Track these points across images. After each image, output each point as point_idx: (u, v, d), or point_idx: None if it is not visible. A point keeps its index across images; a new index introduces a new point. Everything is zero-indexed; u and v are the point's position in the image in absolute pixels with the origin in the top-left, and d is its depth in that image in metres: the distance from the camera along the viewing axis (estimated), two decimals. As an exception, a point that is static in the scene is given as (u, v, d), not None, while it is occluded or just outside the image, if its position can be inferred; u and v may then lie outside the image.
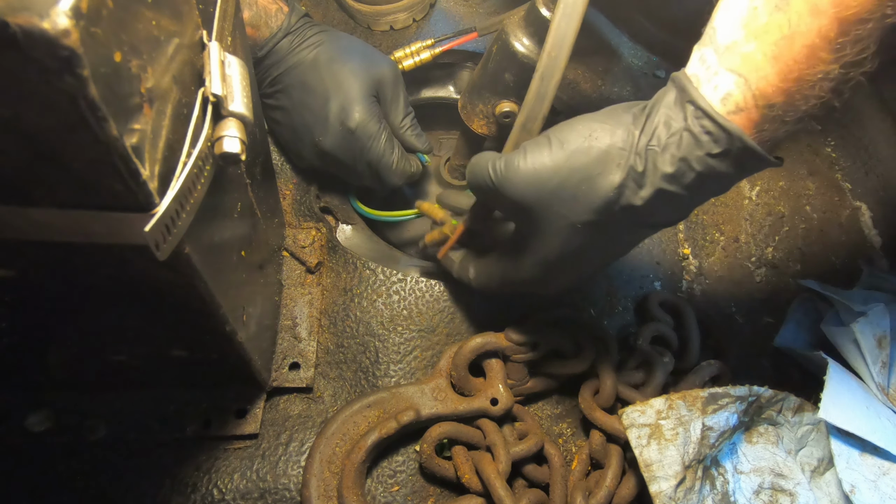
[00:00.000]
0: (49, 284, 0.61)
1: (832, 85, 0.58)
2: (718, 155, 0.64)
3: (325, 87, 1.02)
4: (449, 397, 0.93)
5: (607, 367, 0.95)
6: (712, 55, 0.64)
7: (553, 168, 0.70)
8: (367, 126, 1.03)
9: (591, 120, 0.72)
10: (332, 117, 1.01)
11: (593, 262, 0.79)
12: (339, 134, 1.02)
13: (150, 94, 0.45)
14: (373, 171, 1.08)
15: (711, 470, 0.88)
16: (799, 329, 1.12)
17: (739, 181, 0.71)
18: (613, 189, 0.68)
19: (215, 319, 0.68)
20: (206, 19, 0.58)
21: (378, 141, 1.04)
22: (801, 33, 0.57)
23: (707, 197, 0.73)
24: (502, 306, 1.06)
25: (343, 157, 1.05)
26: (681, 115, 0.65)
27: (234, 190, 0.72)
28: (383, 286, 1.05)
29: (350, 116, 1.02)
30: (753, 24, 0.60)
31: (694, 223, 1.26)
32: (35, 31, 0.33)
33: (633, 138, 0.68)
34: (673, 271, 1.20)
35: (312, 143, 1.05)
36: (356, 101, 1.02)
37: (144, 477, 0.89)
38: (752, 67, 0.61)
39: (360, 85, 1.03)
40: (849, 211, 1.33)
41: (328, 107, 1.01)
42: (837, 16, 0.55)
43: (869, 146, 1.39)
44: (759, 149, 0.62)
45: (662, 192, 0.67)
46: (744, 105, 0.62)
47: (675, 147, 0.65)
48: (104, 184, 0.44)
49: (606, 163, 0.68)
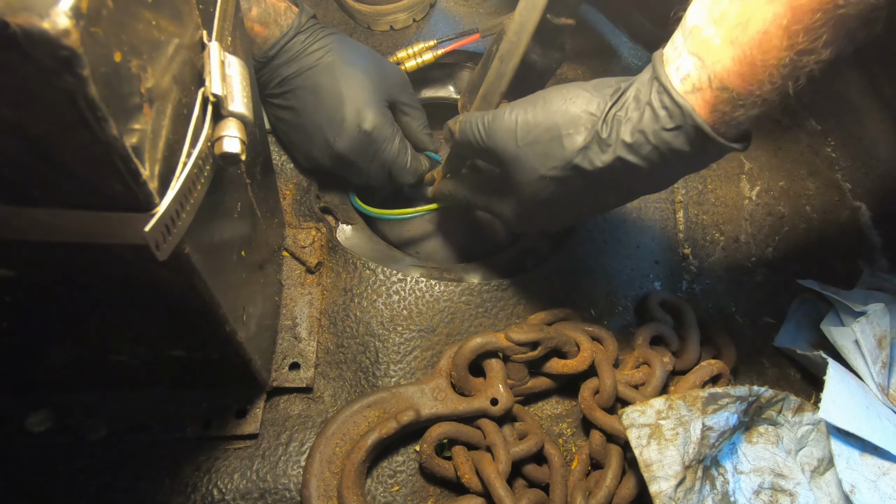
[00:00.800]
0: (49, 284, 0.61)
1: (786, 72, 0.61)
2: (672, 130, 0.67)
3: (340, 91, 1.03)
4: (449, 397, 0.93)
5: (607, 367, 0.95)
6: (680, 38, 0.68)
7: (532, 123, 0.78)
8: (382, 128, 1.05)
9: (579, 87, 0.77)
10: (349, 120, 1.03)
11: (566, 213, 0.87)
12: (355, 137, 1.04)
13: (150, 94, 0.45)
14: (384, 172, 1.11)
15: (711, 470, 0.88)
16: (799, 329, 1.12)
17: (706, 163, 0.75)
18: (577, 149, 0.74)
19: (215, 319, 0.68)
20: (206, 19, 0.58)
21: (393, 143, 1.07)
22: (756, 20, 0.60)
23: (673, 174, 0.78)
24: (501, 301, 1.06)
25: (357, 158, 1.06)
26: (648, 90, 0.69)
27: (234, 190, 0.72)
28: (383, 286, 1.05)
29: (366, 119, 1.03)
30: (716, 10, 0.63)
31: (694, 223, 1.26)
32: (35, 31, 0.33)
33: (605, 107, 0.73)
34: (673, 271, 1.20)
35: (325, 144, 1.05)
36: (372, 105, 1.04)
37: (144, 477, 0.89)
38: (710, 51, 0.64)
39: (375, 89, 1.05)
40: (849, 211, 1.33)
41: (343, 109, 1.02)
42: (791, 4, 0.57)
43: (869, 146, 1.39)
44: (708, 128, 0.66)
45: (622, 161, 0.72)
46: (699, 86, 0.65)
47: (637, 119, 0.69)
48: (104, 184, 0.44)
49: (577, 125, 0.74)
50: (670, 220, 1.24)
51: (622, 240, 1.19)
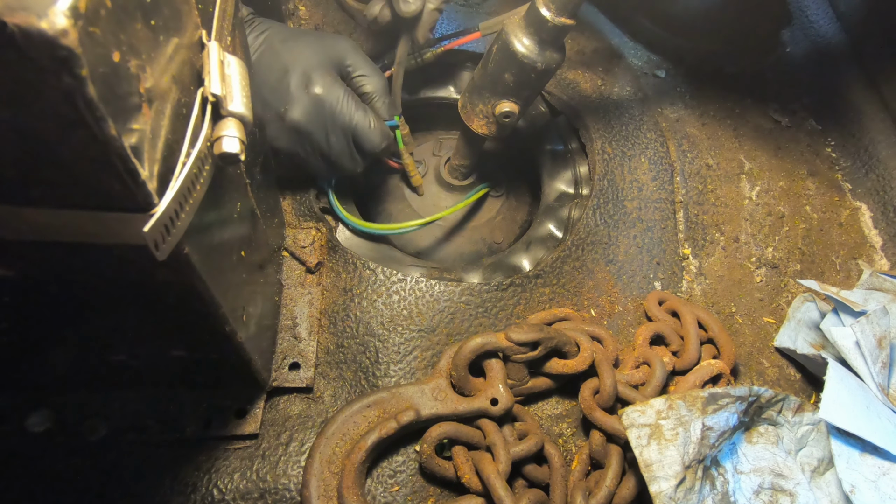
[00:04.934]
0: (49, 284, 0.60)
1: None
2: None
3: (283, 62, 1.00)
4: (449, 397, 0.93)
5: (607, 367, 0.95)
6: None
7: None
8: (331, 89, 1.01)
9: None
10: (294, 87, 0.99)
11: None
12: (306, 103, 1.00)
13: (149, 94, 0.45)
14: (347, 140, 1.04)
15: (711, 470, 0.88)
16: (799, 329, 1.12)
17: None
18: None
19: (215, 319, 0.68)
20: (206, 19, 0.58)
21: (347, 103, 1.02)
22: None
23: None
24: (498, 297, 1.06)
25: (313, 127, 1.01)
26: None
27: (233, 190, 0.72)
28: (383, 286, 1.05)
29: (313, 83, 1.00)
30: None
31: (694, 223, 1.26)
32: (33, 31, 0.33)
33: None
34: (673, 271, 1.20)
35: (277, 118, 1.01)
36: (316, 69, 1.01)
37: (144, 477, 0.89)
38: None
39: (318, 56, 1.02)
40: (849, 211, 1.33)
41: (288, 78, 0.99)
42: None
43: (869, 146, 1.39)
44: None
45: None
46: None
47: None
48: (103, 184, 0.44)
49: None
50: (670, 220, 1.24)
51: (622, 240, 1.19)
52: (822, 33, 1.60)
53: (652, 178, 1.27)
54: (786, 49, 1.57)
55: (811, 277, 1.17)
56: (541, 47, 0.98)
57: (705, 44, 1.52)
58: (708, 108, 1.42)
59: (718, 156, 1.35)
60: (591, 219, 1.19)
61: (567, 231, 1.24)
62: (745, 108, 1.45)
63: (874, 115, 1.41)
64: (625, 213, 1.22)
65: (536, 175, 1.37)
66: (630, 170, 1.27)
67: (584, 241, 1.17)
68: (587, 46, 1.45)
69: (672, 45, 1.50)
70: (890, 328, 1.01)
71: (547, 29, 0.95)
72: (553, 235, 1.25)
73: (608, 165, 1.26)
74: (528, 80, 1.01)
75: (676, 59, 1.49)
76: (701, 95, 1.44)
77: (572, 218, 1.26)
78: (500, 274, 1.16)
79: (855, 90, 1.48)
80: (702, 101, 1.43)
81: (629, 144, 1.30)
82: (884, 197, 1.32)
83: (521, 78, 1.01)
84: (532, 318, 1.05)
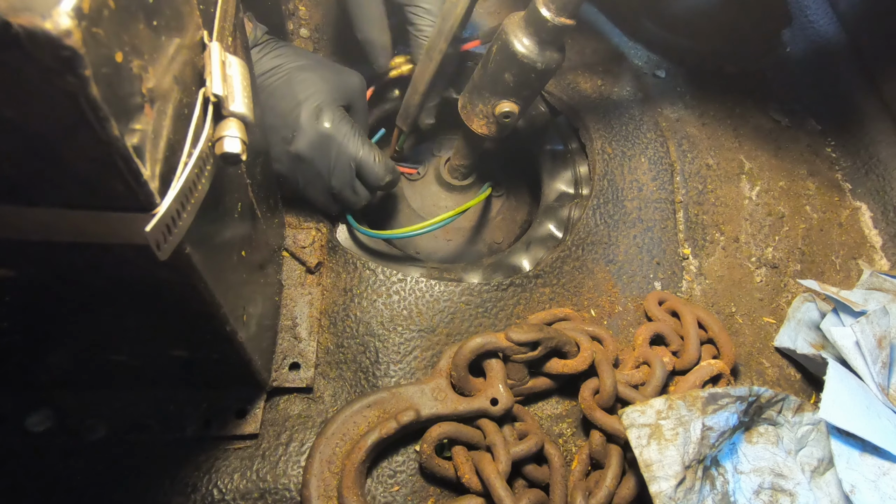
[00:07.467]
0: (49, 284, 0.60)
1: None
2: None
3: (295, 93, 1.02)
4: (449, 397, 0.93)
5: (607, 367, 0.95)
6: None
7: None
8: (340, 126, 1.03)
9: None
10: (304, 121, 1.01)
11: None
12: (312, 136, 1.01)
13: (152, 95, 0.45)
14: (349, 171, 1.06)
15: (711, 470, 0.88)
16: (799, 329, 1.12)
17: None
18: None
19: (216, 319, 0.68)
20: (207, 20, 0.58)
21: (354, 138, 1.04)
22: None
23: None
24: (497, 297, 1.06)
25: (318, 160, 1.03)
26: None
27: (234, 190, 0.72)
28: (383, 286, 1.05)
29: (323, 118, 1.02)
30: None
31: (694, 223, 1.26)
32: (37, 32, 0.33)
33: None
34: (673, 271, 1.20)
35: (281, 143, 1.03)
36: (328, 105, 1.02)
37: (144, 477, 0.89)
38: None
39: (331, 91, 1.04)
40: (849, 211, 1.33)
41: (299, 110, 1.01)
42: None
43: (869, 146, 1.39)
44: None
45: None
46: None
47: None
48: (105, 184, 0.44)
49: None
50: (670, 220, 1.24)
51: (622, 240, 1.19)
52: (822, 33, 1.60)
53: (652, 178, 1.27)
54: (786, 49, 1.58)
55: (811, 277, 1.17)
56: (541, 47, 0.98)
57: (705, 44, 1.52)
58: (708, 108, 1.42)
59: (718, 156, 1.35)
60: (591, 219, 1.20)
61: (567, 231, 1.24)
62: (745, 108, 1.45)
63: (874, 114, 1.41)
64: (625, 213, 1.22)
65: (536, 175, 1.37)
66: (630, 170, 1.27)
67: (584, 241, 1.17)
68: (587, 46, 1.45)
69: (672, 45, 1.50)
70: (890, 328, 1.01)
71: (547, 29, 0.95)
72: (553, 235, 1.25)
73: (608, 165, 1.26)
74: (529, 80, 1.01)
75: (676, 59, 1.49)
76: (701, 95, 1.44)
77: (572, 218, 1.26)
78: (500, 274, 1.17)
79: (855, 90, 1.48)
80: (702, 101, 1.43)
81: (629, 144, 1.30)
82: (884, 197, 1.32)
83: (522, 78, 1.01)
84: (532, 318, 1.05)
